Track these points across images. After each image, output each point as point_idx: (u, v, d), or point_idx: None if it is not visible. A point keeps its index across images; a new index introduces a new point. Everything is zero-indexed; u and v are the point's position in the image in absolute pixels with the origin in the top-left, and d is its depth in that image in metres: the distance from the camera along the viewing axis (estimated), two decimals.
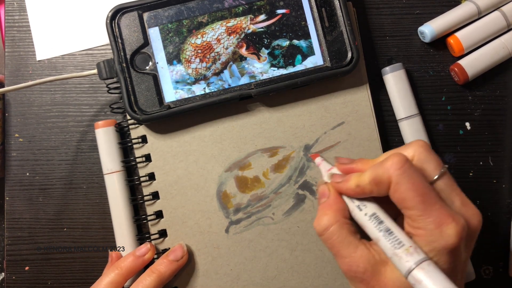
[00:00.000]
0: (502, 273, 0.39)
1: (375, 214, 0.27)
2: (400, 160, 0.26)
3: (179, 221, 0.37)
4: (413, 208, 0.25)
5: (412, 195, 0.25)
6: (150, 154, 0.37)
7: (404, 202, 0.26)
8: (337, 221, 0.28)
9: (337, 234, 0.27)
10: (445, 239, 0.25)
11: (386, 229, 0.26)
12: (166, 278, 0.34)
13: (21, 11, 0.41)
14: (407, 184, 0.25)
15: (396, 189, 0.26)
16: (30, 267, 0.39)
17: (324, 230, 0.28)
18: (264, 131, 0.37)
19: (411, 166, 0.26)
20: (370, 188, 0.27)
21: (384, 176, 0.26)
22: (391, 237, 0.25)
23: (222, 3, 0.36)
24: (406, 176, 0.25)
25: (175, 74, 0.36)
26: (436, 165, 0.27)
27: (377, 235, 0.26)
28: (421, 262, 0.24)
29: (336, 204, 0.29)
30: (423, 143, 0.28)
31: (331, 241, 0.28)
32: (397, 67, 0.38)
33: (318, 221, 0.28)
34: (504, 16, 0.39)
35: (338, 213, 0.28)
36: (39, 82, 0.36)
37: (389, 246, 0.25)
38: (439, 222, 0.25)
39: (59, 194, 0.39)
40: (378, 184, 0.27)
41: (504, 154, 0.40)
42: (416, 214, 0.25)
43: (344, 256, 0.27)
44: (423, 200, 0.25)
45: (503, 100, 0.40)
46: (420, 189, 0.25)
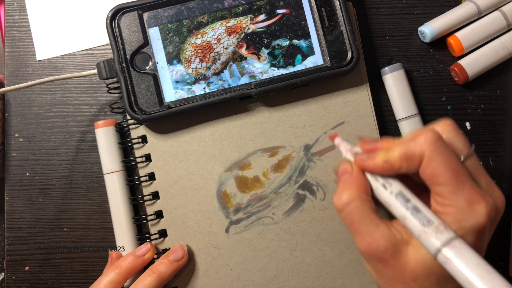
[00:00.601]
0: (502, 273, 0.39)
1: (402, 192, 0.26)
2: (434, 135, 0.26)
3: (179, 221, 0.37)
4: (445, 184, 0.25)
5: (444, 170, 0.25)
6: (150, 154, 0.37)
7: (436, 178, 0.25)
8: (359, 197, 0.27)
9: (358, 211, 0.27)
10: (476, 217, 0.24)
11: (413, 207, 0.25)
12: (166, 278, 0.34)
13: (21, 11, 0.41)
14: (440, 159, 0.25)
15: (428, 163, 0.25)
16: (30, 267, 0.39)
17: (345, 205, 0.27)
18: (264, 131, 0.37)
19: (443, 142, 0.26)
20: (400, 163, 0.26)
21: (416, 151, 0.26)
22: (420, 215, 0.25)
23: (222, 3, 0.36)
24: (439, 152, 0.25)
25: (175, 74, 0.36)
26: (464, 145, 0.27)
27: (404, 213, 0.25)
28: (452, 240, 0.23)
29: (358, 180, 0.28)
30: (451, 122, 0.28)
31: (351, 217, 0.27)
32: (397, 67, 0.38)
33: (338, 196, 0.28)
34: (504, 16, 0.39)
35: (360, 189, 0.27)
36: (39, 82, 0.36)
37: (417, 224, 0.24)
38: (470, 200, 0.24)
39: (59, 194, 0.39)
40: (410, 159, 0.26)
41: (504, 154, 0.40)
42: (447, 191, 0.25)
43: (364, 234, 0.26)
44: (455, 177, 0.25)
45: (503, 100, 0.40)
46: (453, 166, 0.25)
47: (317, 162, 0.37)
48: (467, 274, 0.22)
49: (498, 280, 0.22)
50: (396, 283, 0.26)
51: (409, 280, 0.25)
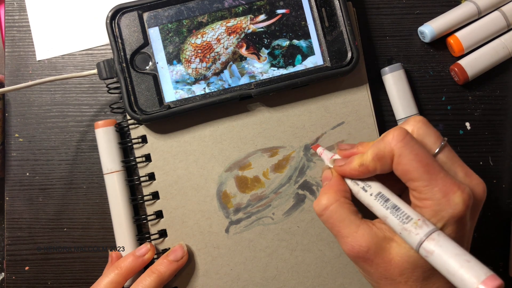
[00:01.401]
0: (502, 273, 0.39)
1: (380, 193, 0.27)
2: (401, 132, 0.26)
3: (179, 221, 0.37)
4: (418, 179, 0.25)
5: (416, 165, 0.25)
6: (150, 154, 0.37)
7: (409, 174, 0.25)
8: (337, 200, 0.28)
9: (337, 213, 0.27)
10: (452, 207, 0.25)
11: (392, 206, 0.26)
12: (166, 278, 0.34)
13: (21, 11, 0.41)
14: (410, 155, 0.25)
15: (399, 161, 0.26)
16: (30, 267, 0.39)
17: (324, 209, 0.28)
18: (264, 131, 0.37)
19: (412, 138, 0.26)
20: (374, 165, 0.27)
21: (386, 150, 0.26)
22: (398, 212, 0.25)
23: (222, 3, 0.36)
24: (408, 148, 0.25)
25: (175, 74, 0.36)
26: (436, 139, 0.27)
27: (384, 213, 0.26)
28: (431, 233, 0.24)
29: (337, 185, 0.29)
30: (421, 118, 0.28)
31: (332, 220, 0.27)
32: (396, 67, 0.38)
33: (317, 201, 0.28)
34: (504, 16, 0.39)
35: (338, 193, 0.28)
36: (39, 82, 0.36)
37: (397, 222, 0.25)
38: (445, 191, 0.25)
39: (59, 194, 0.39)
40: (381, 159, 0.26)
41: (504, 154, 0.40)
42: (422, 185, 0.25)
43: (345, 235, 0.27)
44: (427, 170, 0.25)
45: (503, 100, 0.40)
46: (424, 160, 0.25)
47: (317, 162, 0.37)
48: (447, 264, 0.23)
49: (477, 267, 0.22)
50: (383, 279, 0.26)
51: (395, 275, 0.26)
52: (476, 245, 0.38)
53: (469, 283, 0.22)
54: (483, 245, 0.39)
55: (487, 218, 0.39)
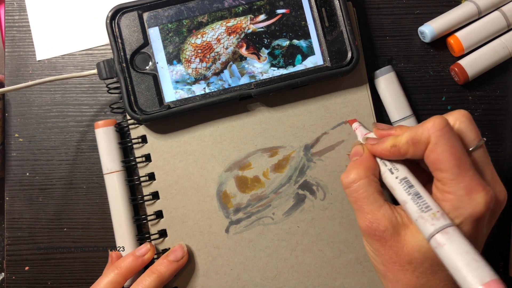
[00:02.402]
0: (502, 273, 0.39)
1: (406, 178, 0.27)
2: (442, 121, 0.26)
3: (179, 221, 0.37)
4: (447, 171, 0.25)
5: (448, 157, 0.25)
6: (150, 154, 0.37)
7: (439, 164, 0.25)
8: (367, 176, 0.28)
9: (364, 189, 0.28)
10: (473, 206, 0.25)
11: (415, 193, 0.26)
12: (166, 279, 0.34)
13: (21, 11, 0.41)
14: (445, 146, 0.25)
15: (433, 149, 0.26)
16: (30, 267, 0.39)
17: (351, 183, 0.28)
18: (264, 131, 0.37)
19: (451, 129, 0.26)
20: (406, 148, 0.27)
21: (423, 136, 0.26)
22: (420, 200, 0.25)
23: (222, 3, 0.36)
24: (445, 138, 0.25)
25: (175, 74, 0.36)
26: (475, 136, 0.27)
27: (405, 198, 0.26)
28: (446, 227, 0.24)
29: (367, 162, 0.29)
30: (466, 113, 0.28)
31: (357, 194, 0.28)
32: (387, 70, 0.38)
33: (346, 173, 0.29)
34: (504, 16, 0.39)
35: (368, 170, 0.28)
36: (39, 82, 0.36)
37: (416, 209, 0.25)
38: (470, 189, 0.25)
39: (59, 194, 0.39)
40: (416, 143, 0.26)
41: (504, 154, 0.40)
42: (449, 178, 0.25)
43: (367, 212, 0.27)
44: (458, 164, 0.25)
45: (503, 100, 0.40)
46: (457, 153, 0.25)
47: (317, 162, 0.37)
48: (455, 260, 0.23)
49: (483, 268, 0.22)
50: (391, 264, 0.27)
51: (404, 262, 0.26)
52: None
53: (471, 282, 0.22)
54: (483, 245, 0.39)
55: None
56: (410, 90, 0.40)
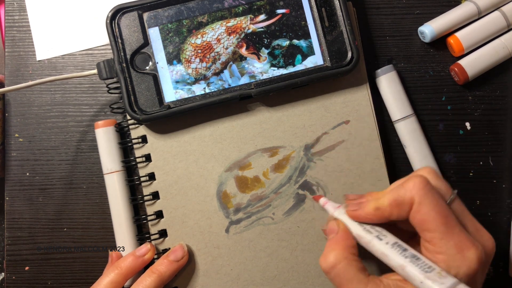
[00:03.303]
0: (502, 273, 0.39)
1: (397, 242, 0.26)
2: (423, 180, 0.26)
3: (179, 221, 0.37)
4: (435, 231, 0.25)
5: (434, 216, 0.25)
6: (150, 154, 0.37)
7: (426, 224, 0.25)
8: (345, 257, 0.27)
9: (345, 272, 0.26)
10: (467, 264, 0.24)
11: (412, 255, 0.25)
12: (166, 278, 0.34)
13: (21, 11, 0.41)
14: (430, 205, 0.25)
15: (418, 209, 0.25)
16: (30, 267, 0.39)
17: (331, 268, 0.27)
18: (264, 131, 0.37)
19: (432, 187, 0.26)
20: (390, 210, 0.26)
21: (406, 196, 0.26)
22: (419, 262, 0.25)
23: (222, 3, 0.36)
24: (429, 197, 0.25)
25: (175, 74, 0.36)
26: (446, 191, 0.27)
27: (402, 262, 0.25)
28: (456, 284, 0.23)
29: (344, 240, 0.28)
30: (431, 170, 0.28)
31: (339, 279, 0.26)
32: (388, 69, 0.38)
33: (324, 257, 0.27)
34: (504, 16, 0.39)
35: (346, 250, 0.27)
36: (39, 82, 0.36)
37: (418, 271, 0.24)
38: (460, 246, 0.24)
39: (59, 194, 0.39)
40: (400, 205, 0.26)
41: (504, 154, 0.40)
42: (437, 237, 0.25)
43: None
44: (445, 222, 0.25)
45: (503, 100, 0.40)
46: (442, 211, 0.25)
47: (317, 162, 0.37)
48: None
49: None
50: None
51: None
52: None
53: None
54: None
55: (487, 218, 0.39)
56: (410, 90, 0.40)
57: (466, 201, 0.28)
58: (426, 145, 0.38)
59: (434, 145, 0.39)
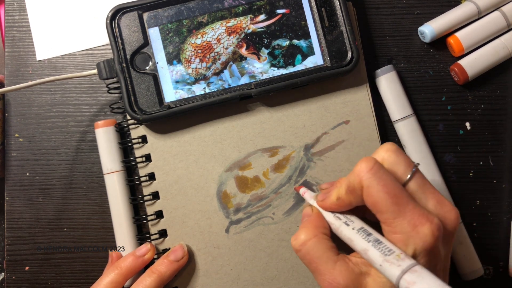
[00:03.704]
0: (502, 273, 0.39)
1: (363, 227, 0.27)
2: (368, 163, 0.26)
3: (179, 221, 0.37)
4: (387, 211, 0.25)
5: (384, 197, 0.25)
6: (150, 154, 0.37)
7: (377, 206, 0.25)
8: (315, 235, 0.27)
9: (315, 249, 0.27)
10: (422, 239, 0.24)
11: (375, 239, 0.26)
12: (166, 278, 0.34)
13: (21, 11, 0.41)
14: (377, 186, 0.25)
15: (368, 193, 0.25)
16: (30, 267, 0.39)
17: (301, 244, 0.27)
18: (264, 131, 0.37)
19: (380, 168, 0.26)
20: (348, 198, 0.27)
21: (355, 182, 0.26)
22: (381, 245, 0.25)
23: (222, 3, 0.36)
24: (376, 178, 0.25)
25: (175, 74, 0.36)
26: (406, 166, 0.27)
27: (365, 246, 0.26)
28: (413, 266, 0.24)
29: (316, 221, 0.28)
30: (390, 146, 0.28)
31: (309, 256, 0.27)
32: (388, 69, 0.38)
33: (295, 236, 0.28)
34: (504, 16, 0.39)
35: (317, 229, 0.28)
36: (39, 82, 0.36)
37: (378, 254, 0.25)
38: (414, 222, 0.24)
39: (59, 194, 0.39)
40: (353, 191, 0.26)
41: (504, 154, 0.40)
42: (390, 217, 0.25)
43: (323, 272, 0.26)
44: (395, 202, 0.25)
45: (503, 100, 0.40)
46: (392, 191, 0.25)
47: (317, 162, 0.37)
48: None
49: None
50: None
51: None
52: (476, 245, 0.38)
53: None
54: (483, 245, 0.39)
55: (487, 218, 0.39)
56: (410, 90, 0.40)
57: (466, 201, 0.28)
58: (425, 145, 0.38)
59: (434, 145, 0.39)
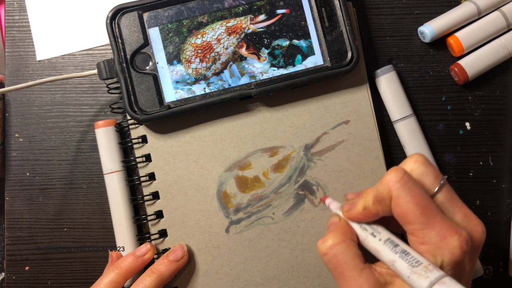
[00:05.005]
0: (502, 273, 0.39)
1: (390, 238, 0.27)
2: (398, 173, 0.26)
3: (179, 221, 0.37)
4: (415, 222, 0.25)
5: (412, 208, 0.25)
6: (150, 154, 0.37)
7: (406, 217, 0.25)
8: (344, 240, 0.27)
9: (343, 254, 0.26)
10: (450, 251, 0.24)
11: (402, 251, 0.25)
12: (166, 278, 0.34)
13: (21, 11, 0.41)
14: (406, 197, 0.25)
15: (396, 203, 0.25)
16: (30, 267, 0.39)
17: (329, 248, 0.27)
18: (264, 131, 0.37)
19: (410, 178, 0.26)
20: (375, 208, 0.27)
21: (384, 192, 0.26)
22: (408, 257, 0.25)
23: (222, 3, 0.36)
24: (405, 189, 0.25)
25: (175, 74, 0.36)
26: (435, 178, 0.27)
27: (393, 257, 0.25)
28: (441, 277, 0.23)
29: (344, 227, 0.28)
30: (419, 157, 0.27)
31: (336, 260, 0.26)
32: (388, 69, 0.38)
33: (323, 240, 0.27)
34: (504, 16, 0.39)
35: (345, 234, 0.27)
36: (39, 82, 0.36)
37: (406, 265, 0.25)
38: (442, 234, 0.24)
39: (59, 194, 0.39)
40: (381, 201, 0.26)
41: (504, 154, 0.40)
42: (419, 228, 0.25)
43: (349, 279, 0.26)
44: (424, 213, 0.25)
45: (503, 100, 0.40)
46: (421, 202, 0.25)
47: (317, 162, 0.37)
48: None
49: None
50: None
51: None
52: None
53: None
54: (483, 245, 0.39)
55: (487, 218, 0.39)
56: (410, 90, 0.40)
57: (466, 201, 0.28)
58: (425, 145, 0.38)
59: (434, 145, 0.39)
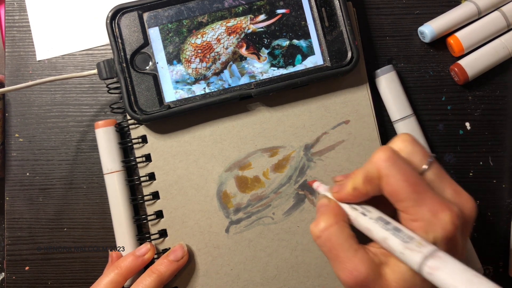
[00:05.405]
0: (502, 273, 0.39)
1: (381, 216, 0.27)
2: (386, 152, 0.26)
3: (179, 221, 0.37)
4: (406, 199, 0.25)
5: (403, 185, 0.25)
6: (150, 154, 0.37)
7: (396, 195, 0.25)
8: (337, 222, 0.27)
9: (336, 236, 0.26)
10: (442, 226, 0.24)
11: (394, 228, 0.25)
12: (166, 278, 0.34)
13: (21, 11, 0.41)
14: (396, 175, 0.25)
15: (387, 181, 0.25)
16: (30, 267, 0.39)
17: (322, 231, 0.27)
18: (264, 131, 0.37)
19: (398, 156, 0.26)
20: (365, 187, 0.27)
21: (373, 171, 0.26)
22: (400, 233, 0.25)
23: (222, 3, 0.36)
24: (395, 167, 0.25)
25: (175, 74, 0.36)
26: (422, 156, 0.27)
27: (384, 235, 0.25)
28: (435, 251, 0.23)
29: (335, 208, 0.28)
30: (407, 136, 0.27)
31: (329, 243, 0.26)
32: (388, 69, 0.38)
33: (315, 223, 0.27)
34: (504, 16, 0.39)
35: (338, 216, 0.27)
36: (39, 82, 0.36)
37: (398, 242, 0.25)
38: (434, 210, 0.24)
39: (59, 194, 0.39)
40: (370, 181, 0.26)
41: (504, 154, 0.40)
42: (410, 205, 0.25)
43: (343, 260, 0.26)
44: (415, 190, 0.25)
45: (503, 100, 0.40)
46: (411, 179, 0.25)
47: (317, 162, 0.37)
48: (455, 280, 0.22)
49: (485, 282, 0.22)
50: None
51: None
52: (476, 245, 0.38)
53: None
54: (483, 245, 0.39)
55: (487, 218, 0.39)
56: (410, 90, 0.40)
57: None
58: (425, 145, 0.38)
59: (434, 145, 0.39)
